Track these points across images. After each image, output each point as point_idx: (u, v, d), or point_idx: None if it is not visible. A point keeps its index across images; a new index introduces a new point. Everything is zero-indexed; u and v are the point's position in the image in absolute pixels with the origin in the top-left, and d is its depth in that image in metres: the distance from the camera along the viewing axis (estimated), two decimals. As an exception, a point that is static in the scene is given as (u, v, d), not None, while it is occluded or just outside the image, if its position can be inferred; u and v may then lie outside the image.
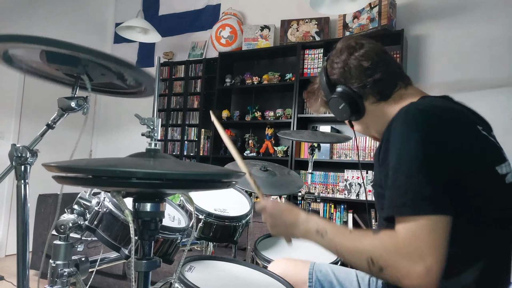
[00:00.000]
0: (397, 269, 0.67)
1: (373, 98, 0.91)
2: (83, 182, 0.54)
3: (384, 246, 0.69)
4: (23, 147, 0.92)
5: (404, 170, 0.69)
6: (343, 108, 0.92)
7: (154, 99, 0.73)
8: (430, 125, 0.72)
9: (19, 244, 0.92)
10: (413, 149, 0.69)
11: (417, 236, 0.66)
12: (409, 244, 0.66)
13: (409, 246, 0.66)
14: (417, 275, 0.65)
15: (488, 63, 2.82)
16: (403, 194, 0.68)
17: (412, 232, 0.66)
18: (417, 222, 0.66)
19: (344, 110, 0.93)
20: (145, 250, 0.64)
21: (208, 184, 0.58)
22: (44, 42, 0.75)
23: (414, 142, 0.70)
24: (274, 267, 1.18)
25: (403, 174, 0.69)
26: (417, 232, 0.66)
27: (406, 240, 0.67)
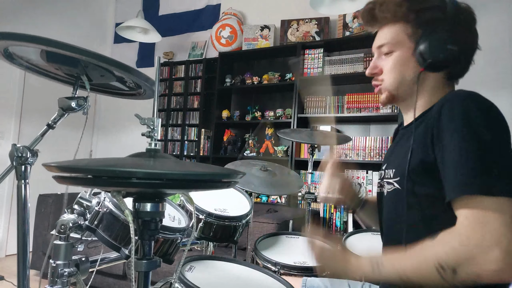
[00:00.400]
0: (471, 263, 0.61)
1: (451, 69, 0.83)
2: (83, 182, 0.54)
3: (448, 245, 0.64)
4: (24, 147, 0.92)
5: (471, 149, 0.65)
6: (453, 51, 0.77)
7: (154, 99, 0.73)
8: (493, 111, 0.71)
9: (20, 244, 0.92)
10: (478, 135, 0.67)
11: (484, 221, 0.61)
12: (475, 232, 0.62)
13: (475, 234, 0.61)
14: (494, 261, 0.59)
15: (489, 63, 2.82)
16: (472, 173, 0.64)
17: (480, 216, 0.62)
18: (484, 204, 0.62)
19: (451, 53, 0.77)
20: (145, 250, 0.64)
21: (208, 184, 0.58)
22: (44, 42, 0.75)
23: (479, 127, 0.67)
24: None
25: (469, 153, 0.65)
26: (485, 216, 0.62)
27: (471, 229, 0.62)
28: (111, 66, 0.83)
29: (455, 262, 0.62)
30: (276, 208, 3.02)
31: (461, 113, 0.70)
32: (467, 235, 0.63)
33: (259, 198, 3.45)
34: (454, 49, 0.77)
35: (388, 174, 0.87)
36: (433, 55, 0.78)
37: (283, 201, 3.37)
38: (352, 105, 3.10)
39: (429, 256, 0.65)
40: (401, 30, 0.84)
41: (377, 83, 0.91)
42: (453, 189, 0.67)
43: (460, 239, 0.63)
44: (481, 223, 0.62)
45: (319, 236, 0.90)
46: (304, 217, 2.08)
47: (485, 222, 0.62)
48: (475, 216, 0.63)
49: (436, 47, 0.78)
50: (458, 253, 0.63)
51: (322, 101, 3.28)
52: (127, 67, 0.85)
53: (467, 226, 0.63)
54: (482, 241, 0.61)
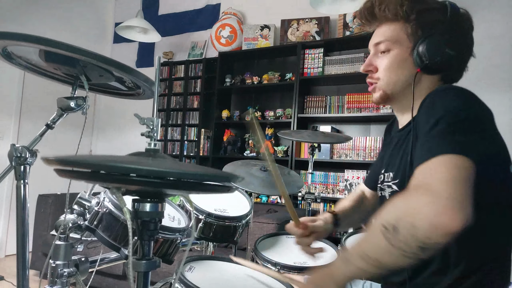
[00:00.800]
0: (406, 213, 0.59)
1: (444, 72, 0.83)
2: (83, 176, 0.53)
3: (392, 204, 0.62)
4: (23, 147, 0.92)
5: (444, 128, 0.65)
6: (450, 55, 0.77)
7: (154, 99, 0.72)
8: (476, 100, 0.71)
9: (19, 244, 0.92)
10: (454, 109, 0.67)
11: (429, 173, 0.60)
12: (418, 186, 0.60)
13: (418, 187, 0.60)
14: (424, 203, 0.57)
15: (489, 63, 2.82)
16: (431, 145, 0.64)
17: (424, 172, 0.61)
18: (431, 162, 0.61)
19: (448, 57, 0.77)
20: (144, 250, 0.64)
21: (207, 187, 0.57)
22: (43, 42, 0.75)
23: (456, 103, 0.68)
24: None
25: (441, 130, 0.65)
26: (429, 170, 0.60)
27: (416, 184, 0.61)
28: (110, 66, 0.83)
29: (394, 217, 0.60)
30: (276, 208, 3.02)
31: (438, 102, 0.70)
32: (413, 189, 0.61)
33: (259, 198, 3.45)
34: (451, 53, 0.77)
35: (388, 178, 0.87)
36: (431, 57, 0.78)
37: (283, 201, 3.37)
38: (352, 105, 3.10)
39: (376, 223, 0.63)
40: (400, 28, 0.83)
41: (372, 81, 0.89)
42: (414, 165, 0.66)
43: (405, 197, 0.61)
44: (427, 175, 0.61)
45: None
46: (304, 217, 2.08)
47: (429, 174, 0.60)
48: (423, 171, 0.62)
49: (435, 49, 0.77)
50: (397, 207, 0.61)
51: (322, 100, 3.28)
52: (126, 67, 0.84)
53: (415, 182, 0.62)
54: (422, 191, 0.59)
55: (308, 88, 3.46)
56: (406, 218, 0.58)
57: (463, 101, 0.70)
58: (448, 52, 0.77)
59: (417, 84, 0.82)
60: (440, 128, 0.65)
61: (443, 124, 0.66)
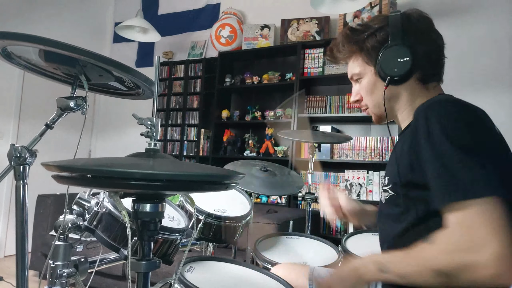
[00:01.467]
0: (464, 268, 0.61)
1: (419, 75, 0.87)
2: (82, 181, 0.53)
3: (441, 249, 0.65)
4: (22, 147, 0.92)
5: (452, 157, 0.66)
6: (403, 63, 0.83)
7: (154, 99, 0.72)
8: (471, 114, 0.73)
9: (18, 245, 0.92)
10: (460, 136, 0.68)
11: (471, 223, 0.62)
12: (464, 234, 0.62)
13: (465, 236, 0.62)
14: (486, 265, 0.59)
15: (489, 63, 2.82)
16: (453, 180, 0.66)
17: (466, 220, 0.62)
18: (468, 208, 0.62)
19: (404, 65, 0.83)
20: (144, 250, 0.63)
21: (207, 186, 0.57)
22: (43, 42, 0.74)
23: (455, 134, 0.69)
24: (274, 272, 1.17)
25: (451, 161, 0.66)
26: (471, 219, 0.62)
27: (460, 232, 0.62)
28: (109, 66, 0.82)
29: (451, 268, 0.63)
30: (276, 209, 3.02)
31: (434, 121, 0.72)
32: (460, 237, 0.63)
33: (259, 198, 3.45)
34: (406, 59, 0.83)
35: (385, 182, 0.90)
36: (389, 71, 0.85)
37: (283, 202, 3.37)
38: (352, 105, 3.10)
39: (426, 261, 0.66)
40: (359, 59, 0.92)
41: (364, 108, 0.97)
42: (438, 199, 0.68)
43: (453, 243, 0.64)
44: (470, 225, 0.62)
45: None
46: (304, 217, 2.08)
47: (472, 224, 0.62)
48: (464, 217, 0.63)
49: (388, 64, 0.85)
50: (453, 259, 0.63)
51: (322, 100, 3.27)
52: (125, 67, 0.84)
53: (459, 228, 0.64)
54: (472, 243, 0.61)
55: (308, 88, 3.46)
56: (466, 274, 0.61)
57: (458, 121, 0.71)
58: (401, 61, 0.83)
59: (398, 96, 0.90)
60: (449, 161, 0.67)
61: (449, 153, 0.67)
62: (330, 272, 0.84)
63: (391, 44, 0.85)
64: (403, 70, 0.84)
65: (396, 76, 0.85)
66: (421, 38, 0.86)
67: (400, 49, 0.84)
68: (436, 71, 0.90)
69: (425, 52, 0.86)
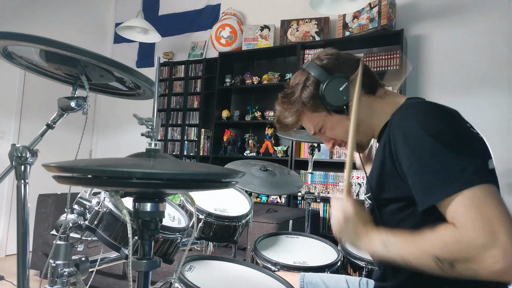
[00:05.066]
0: (468, 261, 0.60)
1: (364, 90, 0.90)
2: (83, 182, 0.54)
3: (444, 240, 0.63)
4: (23, 147, 0.92)
5: (435, 153, 0.66)
6: (345, 88, 0.87)
7: (154, 99, 0.73)
8: (445, 114, 0.73)
9: (19, 244, 0.92)
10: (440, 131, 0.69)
11: (473, 214, 0.60)
12: (469, 227, 0.60)
13: (470, 230, 0.60)
14: (493, 260, 0.57)
15: (488, 63, 2.82)
16: (441, 174, 0.65)
17: (466, 211, 0.61)
18: (467, 198, 0.61)
19: (345, 91, 0.87)
20: (145, 250, 0.64)
21: (208, 184, 0.58)
22: (44, 42, 0.75)
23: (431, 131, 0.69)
24: None
25: (433, 158, 0.66)
26: (471, 210, 0.60)
27: (464, 224, 0.61)
28: (110, 66, 0.83)
29: (451, 257, 0.62)
30: (276, 208, 3.02)
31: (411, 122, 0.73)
32: (461, 232, 0.61)
33: (259, 198, 3.45)
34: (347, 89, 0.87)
35: (365, 190, 0.94)
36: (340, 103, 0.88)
37: (283, 201, 3.37)
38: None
39: (427, 247, 0.65)
40: (308, 114, 0.95)
41: (343, 146, 1.01)
42: (427, 196, 0.67)
43: (455, 236, 0.62)
44: (472, 217, 0.60)
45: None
46: (304, 217, 2.08)
47: (474, 215, 0.60)
48: (463, 209, 0.62)
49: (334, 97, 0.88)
50: (453, 250, 0.62)
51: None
52: (126, 68, 0.84)
53: (459, 223, 0.62)
54: (478, 237, 0.59)
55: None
56: (468, 265, 0.60)
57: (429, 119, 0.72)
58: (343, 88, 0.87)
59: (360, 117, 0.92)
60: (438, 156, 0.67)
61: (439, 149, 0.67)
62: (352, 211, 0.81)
63: (325, 82, 0.89)
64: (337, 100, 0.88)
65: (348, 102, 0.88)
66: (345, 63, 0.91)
67: (335, 80, 0.88)
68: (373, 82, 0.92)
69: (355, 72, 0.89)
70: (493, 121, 2.72)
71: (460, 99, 2.86)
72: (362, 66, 0.88)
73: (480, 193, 0.61)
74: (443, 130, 0.70)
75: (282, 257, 1.35)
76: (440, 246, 0.63)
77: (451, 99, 2.88)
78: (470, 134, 0.73)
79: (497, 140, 2.68)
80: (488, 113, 2.75)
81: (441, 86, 2.98)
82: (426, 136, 0.69)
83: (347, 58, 0.92)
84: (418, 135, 0.70)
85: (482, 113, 2.76)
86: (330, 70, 0.90)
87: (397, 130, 0.75)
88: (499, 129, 2.70)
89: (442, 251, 0.63)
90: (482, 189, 0.62)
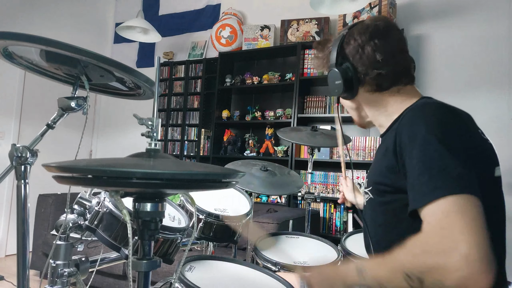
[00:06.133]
0: (433, 270, 0.59)
1: (369, 87, 0.90)
2: (83, 182, 0.54)
3: (412, 252, 0.63)
4: (23, 147, 0.92)
5: (430, 164, 0.66)
6: (338, 85, 0.89)
7: (154, 99, 0.73)
8: (451, 121, 0.73)
9: (19, 244, 0.92)
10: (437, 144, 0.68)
11: (442, 224, 0.60)
12: (435, 236, 0.60)
13: (435, 238, 0.60)
14: (455, 268, 0.56)
15: (488, 63, 2.82)
16: (427, 183, 0.65)
17: (436, 220, 0.61)
18: (439, 208, 0.61)
19: (338, 86, 0.90)
20: (145, 250, 0.64)
21: (208, 184, 0.58)
22: (44, 42, 0.75)
23: (438, 136, 0.69)
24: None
25: (428, 168, 0.66)
26: (441, 220, 0.60)
27: (432, 233, 0.61)
28: (110, 66, 0.83)
29: (419, 270, 0.61)
30: (276, 208, 3.02)
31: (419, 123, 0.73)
32: (430, 239, 0.61)
33: (259, 198, 3.45)
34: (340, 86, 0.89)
35: (365, 184, 0.92)
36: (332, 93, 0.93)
37: (283, 201, 3.37)
38: None
39: (397, 265, 0.65)
40: None
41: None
42: (416, 200, 0.68)
43: (423, 246, 0.62)
44: (440, 226, 0.60)
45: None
46: (304, 217, 2.08)
47: (443, 224, 0.60)
48: (435, 218, 0.62)
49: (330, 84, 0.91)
50: (420, 261, 0.61)
51: (322, 101, 3.28)
52: (126, 68, 0.84)
53: (430, 229, 0.62)
54: (441, 246, 0.59)
55: (308, 88, 3.46)
56: (434, 275, 0.59)
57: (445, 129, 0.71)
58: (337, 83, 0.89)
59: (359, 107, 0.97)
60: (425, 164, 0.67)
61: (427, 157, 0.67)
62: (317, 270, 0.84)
63: (331, 67, 0.91)
64: (341, 91, 0.90)
65: (338, 95, 0.93)
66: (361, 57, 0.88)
67: (335, 73, 0.89)
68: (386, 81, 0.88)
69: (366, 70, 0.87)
70: (493, 121, 2.73)
71: (460, 98, 2.86)
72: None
73: (458, 204, 0.61)
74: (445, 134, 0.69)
75: (282, 257, 1.34)
76: (409, 259, 0.63)
77: (451, 99, 2.87)
78: (475, 143, 0.73)
79: (497, 140, 2.68)
80: (488, 113, 2.75)
81: (441, 86, 2.98)
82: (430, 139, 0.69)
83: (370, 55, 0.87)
84: (426, 139, 0.69)
85: (482, 113, 2.75)
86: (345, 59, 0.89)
87: (406, 129, 0.74)
88: (499, 129, 2.70)
89: (411, 264, 0.62)
90: (462, 199, 0.61)
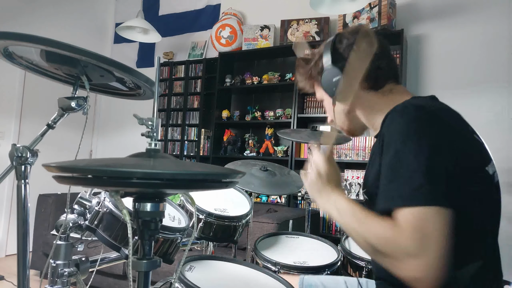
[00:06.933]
0: (394, 259, 0.67)
1: (365, 84, 0.90)
2: (83, 182, 0.54)
3: (384, 235, 0.69)
4: (24, 147, 0.92)
5: (403, 164, 0.69)
6: (337, 81, 0.89)
7: (154, 99, 0.73)
8: (430, 123, 0.72)
9: (20, 244, 0.92)
10: (413, 146, 0.69)
11: (416, 228, 0.65)
12: (408, 237, 0.65)
13: (408, 239, 0.65)
14: (415, 268, 0.64)
15: (488, 63, 2.82)
16: (401, 186, 0.68)
17: (411, 224, 0.65)
18: (414, 214, 0.66)
19: (337, 83, 0.89)
20: (145, 250, 0.64)
21: (208, 184, 0.58)
22: (44, 42, 0.75)
23: (414, 138, 0.70)
24: None
25: (401, 168, 0.69)
26: (416, 225, 0.65)
27: (406, 233, 0.66)
28: (110, 66, 0.83)
29: (382, 249, 0.68)
30: (276, 208, 3.02)
31: (396, 128, 0.74)
32: (404, 237, 0.65)
33: (259, 198, 3.45)
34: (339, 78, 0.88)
35: (362, 186, 0.93)
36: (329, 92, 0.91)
37: (283, 201, 3.37)
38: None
39: (370, 234, 0.71)
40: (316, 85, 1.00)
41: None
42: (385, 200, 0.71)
43: (396, 238, 0.66)
44: (415, 230, 0.65)
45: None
46: (304, 217, 2.08)
47: (417, 229, 0.65)
48: (410, 221, 0.65)
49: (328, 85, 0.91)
50: (387, 245, 0.67)
51: (322, 101, 3.28)
52: (126, 68, 0.85)
53: (405, 229, 0.66)
54: (410, 247, 0.64)
55: (308, 88, 3.46)
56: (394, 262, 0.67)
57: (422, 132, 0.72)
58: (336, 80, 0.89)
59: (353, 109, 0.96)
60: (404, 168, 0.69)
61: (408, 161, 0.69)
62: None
63: (326, 67, 0.90)
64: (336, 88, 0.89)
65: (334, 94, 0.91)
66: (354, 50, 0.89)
67: (332, 70, 0.89)
68: (381, 77, 0.90)
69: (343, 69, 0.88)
70: (493, 120, 2.73)
71: (460, 98, 2.86)
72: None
73: (429, 213, 0.65)
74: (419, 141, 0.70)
75: (282, 257, 1.35)
76: (379, 236, 0.69)
77: (451, 98, 2.86)
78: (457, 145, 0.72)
79: (497, 140, 2.68)
80: (488, 112, 2.75)
81: (441, 86, 2.98)
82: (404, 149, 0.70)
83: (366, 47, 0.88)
84: (399, 140, 0.71)
85: (482, 113, 2.76)
86: (340, 57, 0.89)
87: (385, 131, 0.76)
88: (499, 129, 2.71)
89: (378, 241, 0.69)
90: (433, 210, 0.65)
